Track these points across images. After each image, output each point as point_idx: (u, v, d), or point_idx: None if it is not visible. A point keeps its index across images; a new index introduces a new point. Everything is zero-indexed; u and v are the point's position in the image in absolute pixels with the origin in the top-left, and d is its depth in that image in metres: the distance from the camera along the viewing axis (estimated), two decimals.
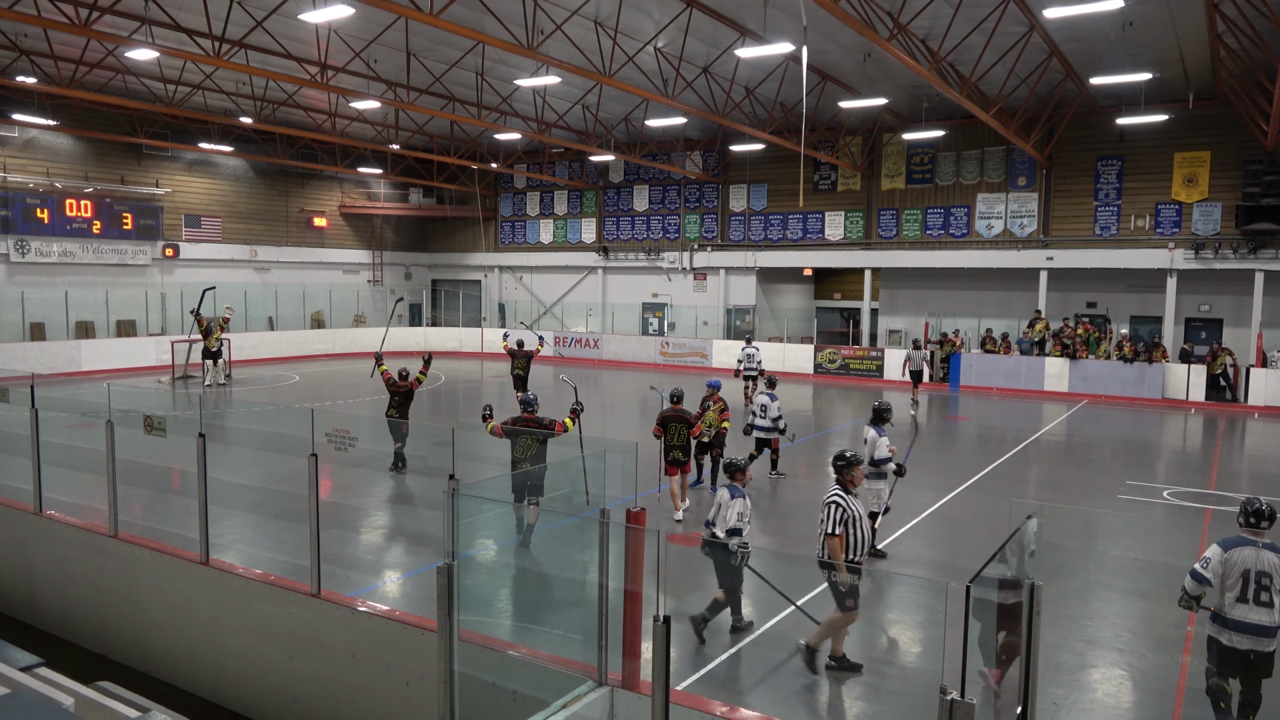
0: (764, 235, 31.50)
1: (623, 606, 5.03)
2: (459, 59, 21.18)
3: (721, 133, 29.75)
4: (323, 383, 25.15)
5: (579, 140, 28.38)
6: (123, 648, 7.78)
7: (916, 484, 13.51)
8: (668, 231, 33.69)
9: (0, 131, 26.01)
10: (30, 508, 8.63)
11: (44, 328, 26.81)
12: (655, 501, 12.09)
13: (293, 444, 7.53)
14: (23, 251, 26.59)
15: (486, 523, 6.18)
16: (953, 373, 26.10)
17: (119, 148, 28.72)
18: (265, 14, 17.41)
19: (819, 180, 30.15)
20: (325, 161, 33.08)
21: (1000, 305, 27.78)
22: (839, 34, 18.65)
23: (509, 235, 38.04)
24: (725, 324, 32.11)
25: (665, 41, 19.69)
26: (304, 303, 34.10)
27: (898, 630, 8.08)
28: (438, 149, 31.60)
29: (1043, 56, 19.99)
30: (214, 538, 7.28)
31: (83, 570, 8.15)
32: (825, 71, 22.13)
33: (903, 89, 24.05)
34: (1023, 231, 26.74)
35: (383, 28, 18.62)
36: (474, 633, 5.43)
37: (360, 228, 37.37)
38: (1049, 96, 23.18)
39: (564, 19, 17.43)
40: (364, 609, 6.32)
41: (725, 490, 7.72)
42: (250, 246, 32.88)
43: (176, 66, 22.78)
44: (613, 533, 4.95)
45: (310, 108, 27.37)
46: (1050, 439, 18.16)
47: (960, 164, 27.65)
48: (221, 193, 32.12)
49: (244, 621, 6.91)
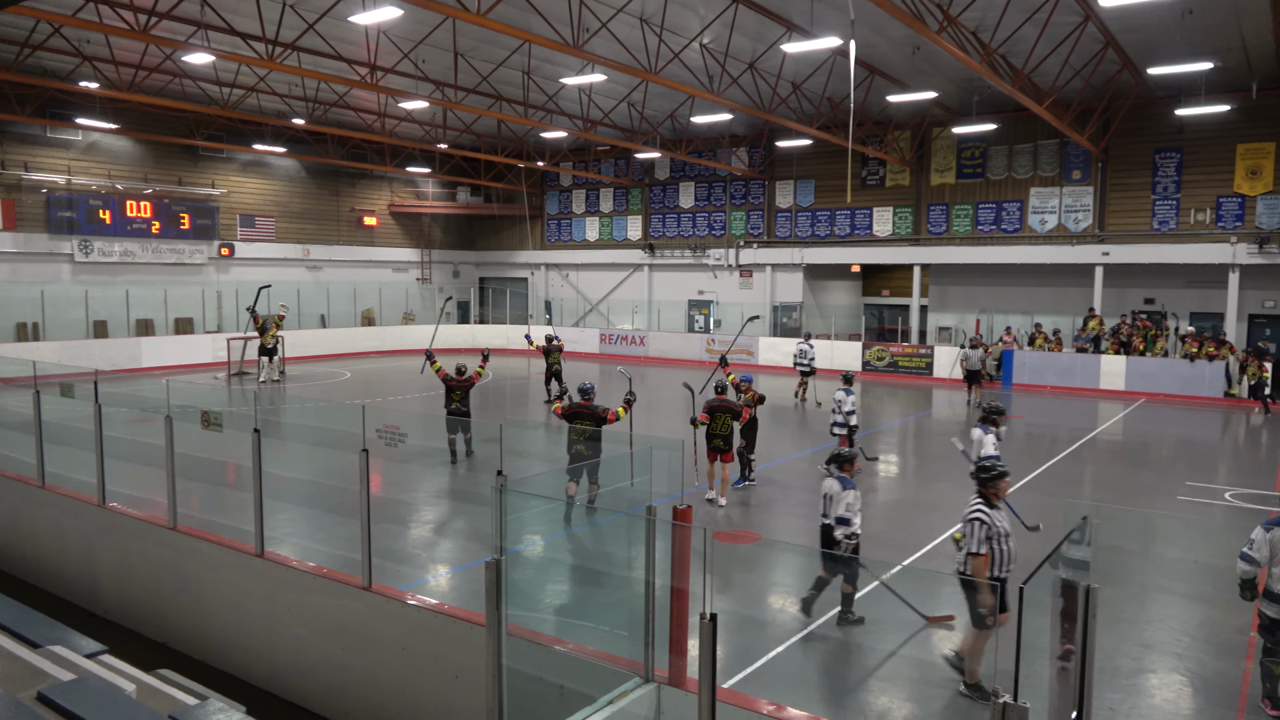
0: (811, 232, 31.25)
1: (669, 603, 5.03)
2: (505, 58, 21.33)
3: (768, 129, 29.57)
4: (373, 379, 25.53)
5: (624, 138, 28.41)
6: (181, 636, 7.99)
7: (967, 484, 13.31)
8: (713, 228, 33.59)
9: (64, 135, 26.83)
10: (94, 500, 8.89)
11: (106, 325, 27.60)
12: (702, 500, 12.08)
13: (344, 439, 7.66)
14: (86, 251, 27.40)
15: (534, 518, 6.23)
16: (1005, 370, 25.64)
17: (176, 150, 29.45)
18: (317, 16, 17.70)
19: (867, 176, 29.82)
20: (375, 161, 33.57)
21: (1054, 302, 27.22)
22: (887, 27, 18.42)
23: (555, 233, 38.24)
24: (772, 321, 31.91)
25: (711, 38, 19.61)
26: (355, 301, 34.65)
27: (946, 632, 7.96)
28: (485, 148, 31.88)
29: (1098, 47, 19.52)
30: (269, 531, 7.43)
31: (143, 561, 8.38)
32: (873, 65, 21.86)
33: (953, 82, 23.66)
34: (1077, 226, 26.16)
35: (430, 28, 18.82)
36: (521, 627, 5.48)
37: (409, 227, 37.85)
38: (1105, 88, 22.64)
39: (609, 16, 17.45)
40: (414, 603, 6.41)
41: (835, 481, 7.82)
42: (303, 245, 33.50)
43: (231, 70, 23.29)
44: (659, 529, 4.95)
45: (360, 108, 27.78)
46: (1106, 438, 17.76)
47: (1012, 158, 27.13)
48: (275, 193, 32.77)
49: (298, 613, 7.04)
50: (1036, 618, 3.77)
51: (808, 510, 11.91)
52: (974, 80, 23.06)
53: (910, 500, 12.61)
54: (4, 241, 25.77)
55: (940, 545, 10.19)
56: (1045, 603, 3.69)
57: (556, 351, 20.42)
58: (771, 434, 18.62)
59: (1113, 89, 22.70)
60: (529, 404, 21.34)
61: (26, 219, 26.25)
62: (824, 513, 7.92)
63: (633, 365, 29.73)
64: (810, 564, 9.89)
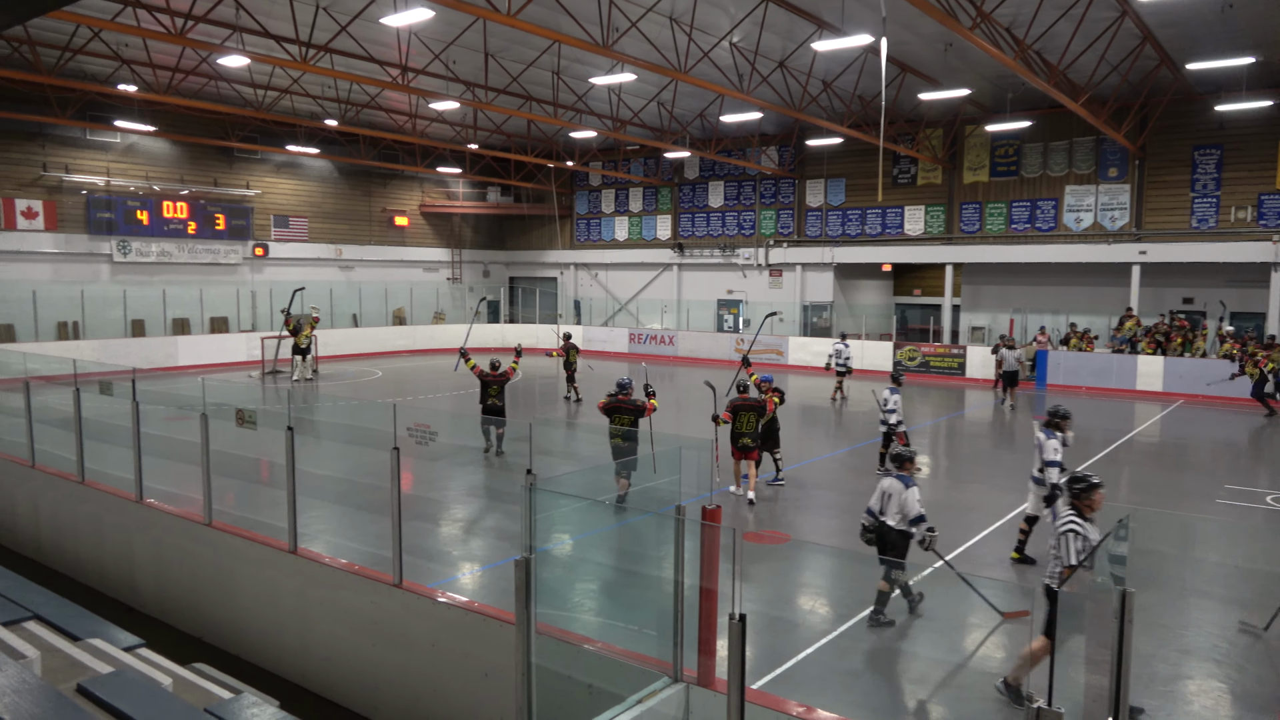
0: (841, 231, 31.05)
1: (698, 603, 5.03)
2: (535, 59, 21.41)
3: (798, 127, 29.42)
4: (404, 378, 25.74)
5: (654, 137, 28.41)
6: (216, 631, 8.11)
7: (1000, 485, 13.17)
8: (743, 228, 33.49)
9: (104, 138, 27.32)
10: (132, 496, 9.04)
11: (144, 324, 28.07)
12: (732, 501, 12.05)
13: (376, 438, 7.73)
14: (124, 252, 27.89)
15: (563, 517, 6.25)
16: (1039, 371, 25.32)
17: (212, 151, 29.89)
18: (349, 19, 17.87)
19: (898, 174, 29.58)
20: (406, 162, 33.85)
21: (1090, 301, 26.82)
22: (919, 24, 18.25)
23: (584, 232, 38.33)
24: (802, 321, 31.76)
25: (741, 36, 19.55)
26: (386, 300, 34.96)
27: (978, 634, 7.88)
28: (515, 148, 32.02)
29: (1135, 42, 19.22)
30: (301, 527, 7.52)
31: (179, 556, 8.52)
32: (905, 63, 21.68)
33: (986, 79, 23.40)
34: (1114, 225, 25.77)
35: (461, 29, 18.94)
36: (550, 626, 5.49)
37: (440, 226, 38.12)
38: (1142, 84, 22.27)
39: (639, 16, 17.45)
40: (444, 600, 6.45)
41: (894, 480, 7.80)
42: (335, 245, 33.87)
43: (265, 72, 23.59)
44: (688, 529, 4.95)
45: (391, 109, 28.02)
46: (1143, 440, 17.48)
47: (1047, 155, 26.78)
48: (308, 193, 33.15)
49: (330, 609, 7.12)
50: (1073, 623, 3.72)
51: (837, 511, 11.85)
52: (1008, 77, 22.78)
53: (943, 501, 12.48)
54: (46, 242, 26.29)
55: (973, 548, 10.08)
56: (1081, 607, 3.64)
57: (574, 351, 21.37)
58: (802, 434, 18.54)
59: (1150, 85, 22.33)
60: (559, 403, 21.42)
61: (67, 220, 26.77)
62: (880, 510, 7.84)
63: (662, 365, 29.75)
64: (840, 564, 9.84)
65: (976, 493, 12.82)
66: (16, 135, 25.54)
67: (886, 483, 7.88)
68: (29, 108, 24.13)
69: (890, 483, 7.83)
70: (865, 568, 9.20)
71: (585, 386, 21.84)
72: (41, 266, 26.31)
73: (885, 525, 7.76)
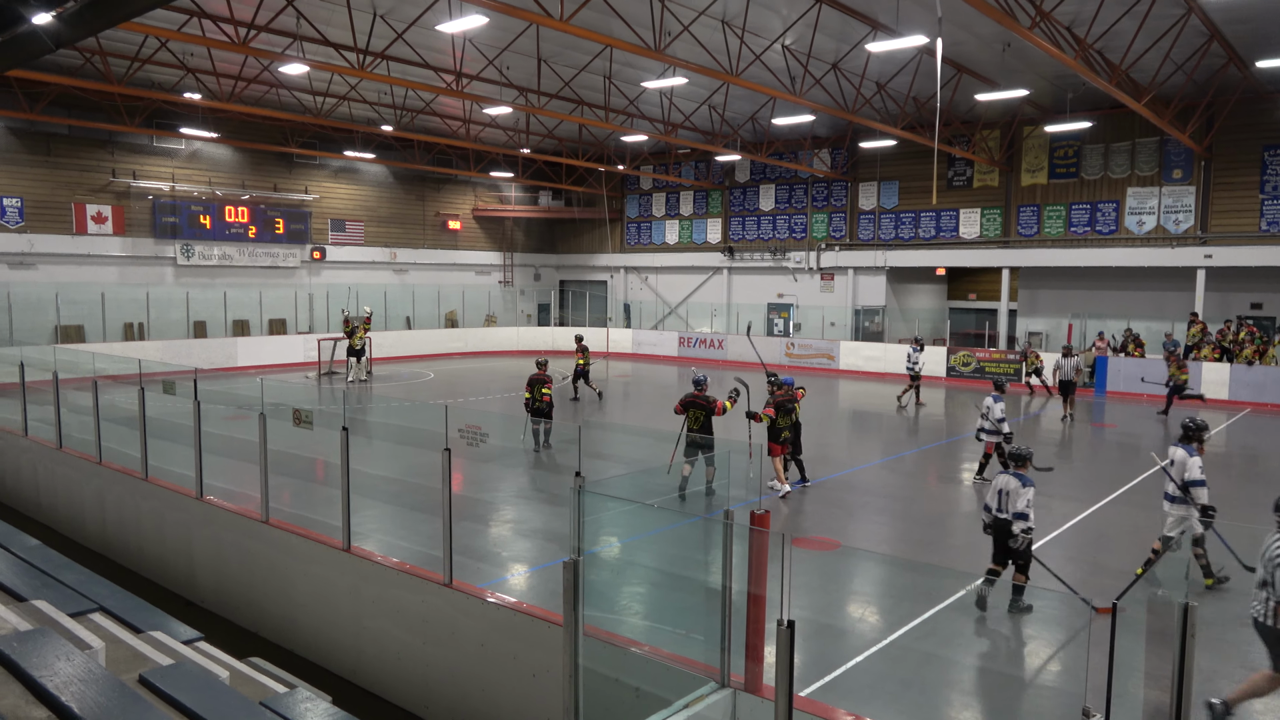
0: (894, 234, 30.67)
1: (745, 608, 5.00)
2: (587, 63, 21.53)
3: (851, 129, 29.14)
4: (456, 380, 26.04)
5: (705, 140, 28.37)
6: (271, 626, 8.28)
7: (1057, 494, 12.88)
8: (794, 231, 33.26)
9: (170, 145, 28.15)
10: (193, 493, 9.29)
11: (205, 326, 28.83)
12: (778, 506, 11.97)
13: (428, 438, 7.83)
14: (188, 255, 28.68)
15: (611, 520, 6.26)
16: (1099, 378, 24.70)
17: (272, 157, 30.60)
18: (405, 26, 18.17)
19: (953, 176, 29.12)
20: (459, 166, 34.27)
21: (1153, 306, 26.10)
22: (976, 24, 17.96)
23: (635, 236, 38.41)
24: (854, 325, 31.42)
25: (793, 38, 19.43)
26: (439, 303, 35.42)
27: (1035, 646, 7.71)
28: (566, 152, 32.22)
29: (1202, 40, 18.67)
30: (355, 526, 7.64)
31: (237, 553, 8.72)
32: (961, 63, 21.35)
33: (1045, 79, 22.93)
34: (1178, 228, 25.06)
35: (514, 35, 19.12)
36: (598, 628, 5.51)
37: (492, 230, 38.52)
38: (1208, 83, 21.63)
39: (691, 20, 17.45)
40: (493, 600, 6.50)
41: (1011, 478, 8.06)
42: (390, 249, 34.43)
43: (324, 79, 24.08)
44: (736, 534, 4.92)
45: (446, 115, 28.40)
46: (1209, 450, 16.89)
47: (1108, 156, 26.15)
48: (364, 198, 33.76)
49: (381, 607, 7.23)
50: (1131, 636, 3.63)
51: (888, 517, 11.69)
52: (1068, 77, 22.30)
53: None
54: (114, 246, 27.15)
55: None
56: (1140, 620, 3.54)
57: (586, 352, 21.92)
58: (856, 439, 18.34)
59: (1217, 84, 21.67)
60: (608, 406, 21.46)
61: (134, 224, 27.61)
62: (998, 508, 8.09)
63: (711, 369, 29.66)
64: (890, 572, 9.70)
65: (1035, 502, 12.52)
66: (88, 143, 26.44)
67: (1003, 480, 8.13)
68: (100, 116, 24.96)
69: (1006, 479, 8.11)
70: (917, 576, 9.07)
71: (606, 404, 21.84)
72: (109, 269, 27.18)
73: (1001, 520, 8.05)
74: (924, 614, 8.04)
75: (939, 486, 13.77)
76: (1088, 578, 9.35)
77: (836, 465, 15.20)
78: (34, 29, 9.14)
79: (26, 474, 12.78)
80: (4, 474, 13.47)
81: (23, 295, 25.09)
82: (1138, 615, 3.56)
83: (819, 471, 13.63)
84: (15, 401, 13.26)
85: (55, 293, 25.59)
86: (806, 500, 12.29)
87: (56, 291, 25.63)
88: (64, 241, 26.14)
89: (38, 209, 25.65)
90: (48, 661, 3.77)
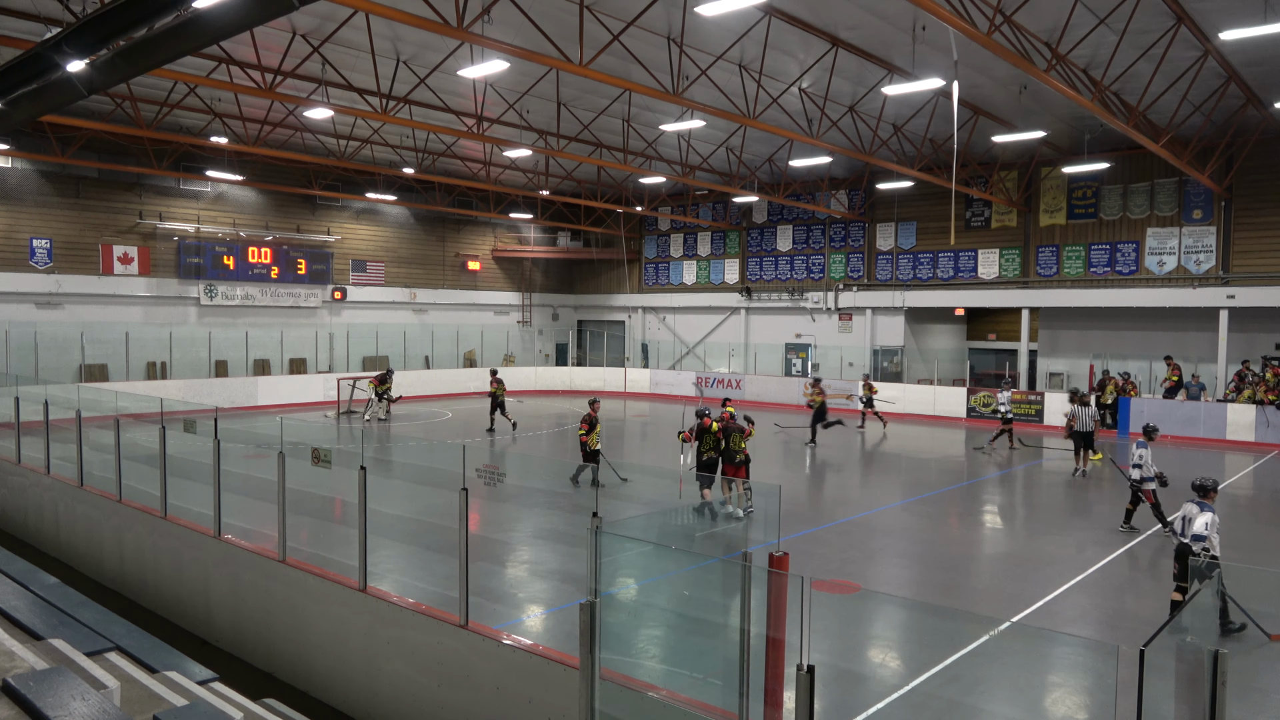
0: (913, 274, 30.66)
1: (764, 652, 4.93)
2: (606, 107, 21.82)
3: (868, 171, 29.30)
4: (474, 419, 26.08)
5: (722, 182, 28.60)
6: (286, 667, 8.24)
7: (1081, 538, 12.68)
8: (812, 271, 33.32)
9: (196, 187, 28.67)
10: (211, 532, 9.31)
11: (227, 365, 29.11)
12: (805, 549, 11.84)
13: (445, 478, 7.83)
14: (211, 295, 29.06)
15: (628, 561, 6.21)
16: (1121, 417, 24.42)
17: (295, 199, 31.09)
18: (428, 72, 18.51)
19: (971, 217, 29.15)
20: (479, 208, 34.68)
21: (1174, 347, 25.86)
22: (992, 67, 18.09)
23: (653, 276, 38.60)
24: (872, 365, 31.31)
25: (810, 82, 19.64)
26: (458, 342, 35.63)
27: (1060, 694, 7.54)
28: (585, 193, 32.55)
29: (1219, 82, 18.72)
30: (371, 566, 7.62)
31: (253, 592, 8.71)
32: (977, 105, 21.48)
33: (1062, 120, 23.02)
34: (1199, 268, 24.91)
35: (535, 80, 19.44)
36: (615, 671, 5.44)
37: (511, 270, 38.84)
38: (1227, 124, 21.63)
39: (709, 64, 17.68)
40: (509, 642, 6.45)
41: (1194, 505, 8.84)
42: (410, 289, 34.76)
43: (348, 123, 24.53)
44: (755, 576, 4.87)
45: (466, 157, 28.81)
46: (1235, 492, 16.67)
47: (1127, 197, 26.11)
48: (385, 239, 34.17)
49: (397, 648, 7.18)
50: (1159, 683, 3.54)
51: (909, 560, 11.54)
52: (1085, 118, 22.38)
53: (1020, 553, 12.07)
54: (139, 286, 27.56)
55: (1052, 602, 9.70)
56: (1169, 667, 3.46)
57: (501, 385, 23.30)
58: (876, 480, 18.19)
59: (1236, 124, 21.66)
60: (623, 445, 21.40)
61: (159, 265, 28.05)
62: (1181, 533, 8.88)
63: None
64: (912, 617, 9.54)
65: (1054, 545, 12.35)
66: (116, 185, 26.98)
67: (1187, 507, 8.93)
68: (129, 159, 25.50)
69: (1189, 507, 8.91)
70: (939, 620, 8.92)
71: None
72: (134, 309, 27.56)
73: (1183, 544, 8.77)
74: (946, 659, 7.89)
75: (961, 529, 13.59)
76: (1115, 621, 9.17)
77: (856, 507, 15.06)
78: (68, 76, 9.38)
79: (48, 511, 12.86)
80: (26, 511, 13.57)
81: (49, 335, 25.46)
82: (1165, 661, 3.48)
83: (838, 514, 13.51)
84: (39, 439, 13.40)
85: (81, 332, 25.95)
86: (826, 543, 12.15)
87: (82, 331, 26.00)
88: (91, 282, 26.56)
89: (66, 250, 26.13)
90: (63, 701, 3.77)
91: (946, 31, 14.88)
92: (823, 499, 15.88)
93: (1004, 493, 16.80)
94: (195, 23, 8.14)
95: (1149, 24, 15.41)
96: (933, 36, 16.37)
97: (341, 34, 16.58)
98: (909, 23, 16.03)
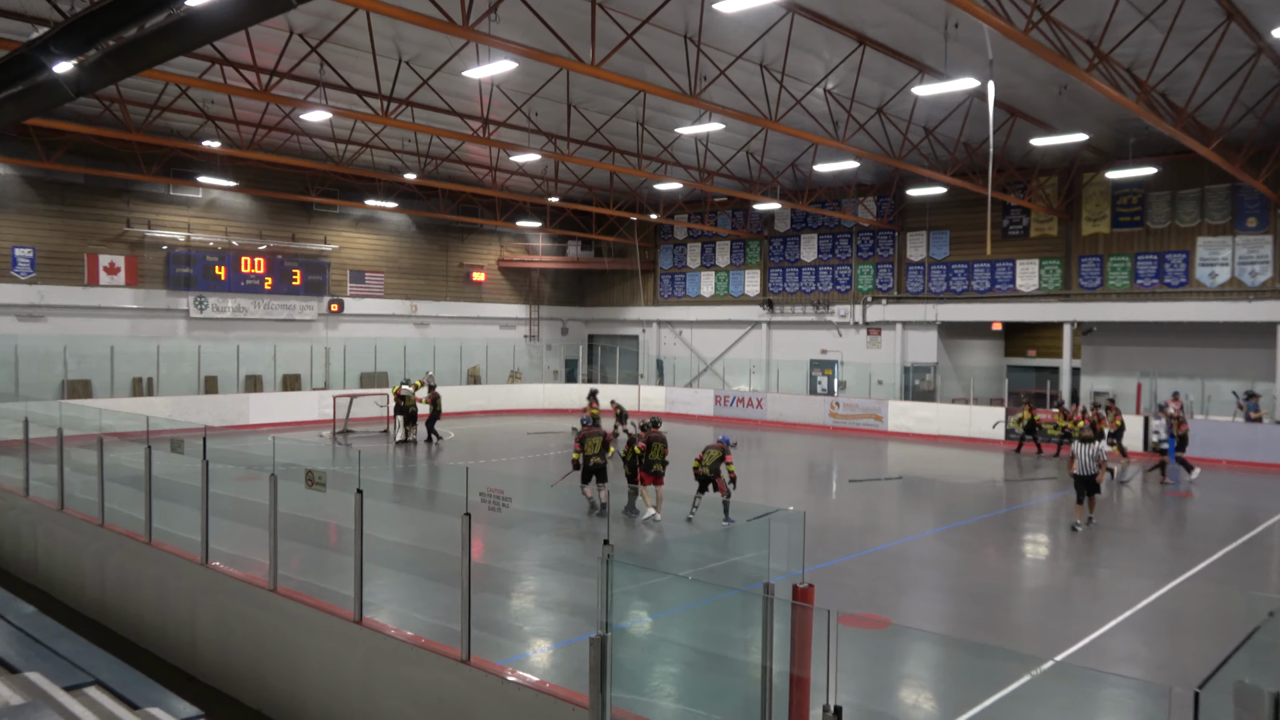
0: (946, 286, 30.57)
1: (788, 692, 4.88)
2: (619, 109, 21.92)
3: (898, 176, 29.27)
4: (478, 440, 26.12)
5: (743, 188, 28.64)
6: (278, 704, 8.21)
7: (1129, 570, 12.55)
8: (838, 283, 33.28)
9: (186, 194, 28.95)
10: (198, 559, 9.32)
11: (217, 381, 29.27)
12: (832, 580, 11.76)
13: (447, 502, 7.82)
14: (201, 307, 29.27)
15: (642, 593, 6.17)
16: (1171, 441, 24.17)
17: (291, 206, 31.33)
18: (431, 72, 18.65)
19: (1009, 225, 29.07)
20: (485, 216, 34.83)
21: (1228, 364, 25.64)
22: (1030, 66, 18.08)
23: (668, 288, 38.63)
24: (903, 383, 31.18)
25: (835, 83, 19.67)
26: (461, 358, 35.67)
27: None
28: (596, 200, 32.67)
29: (1274, 81, 18.64)
30: (368, 596, 7.60)
31: (243, 623, 8.70)
32: (1014, 107, 21.45)
33: (1105, 123, 22.95)
34: (1254, 280, 24.73)
35: (544, 81, 19.55)
36: (627, 711, 5.40)
37: (518, 282, 38.96)
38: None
39: (728, 64, 17.75)
40: (513, 679, 6.41)
41: None
42: (411, 301, 34.90)
43: (346, 126, 24.74)
44: (777, 610, 4.83)
45: (472, 162, 28.98)
46: None
47: (1176, 204, 25.99)
48: (385, 248, 34.37)
49: (394, 684, 7.15)
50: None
51: (943, 593, 11.44)
52: (1129, 120, 22.30)
53: (1063, 587, 11.95)
54: (125, 298, 27.80)
55: (1098, 640, 9.58)
56: (1226, 711, 3.40)
57: (410, 398, 24.89)
58: (908, 507, 18.08)
59: None
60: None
61: (147, 275, 28.29)
62: None
63: (748, 429, 29.48)
64: (946, 654, 9.44)
65: (1105, 579, 12.22)
66: (102, 192, 27.27)
67: None
68: (116, 164, 25.77)
69: None
70: (974, 658, 8.82)
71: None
72: (120, 322, 27.79)
73: None
74: (984, 701, 7.80)
75: (999, 560, 13.47)
76: (1167, 661, 9.05)
77: (887, 536, 14.96)
78: (55, 77, 9.49)
79: (26, 536, 12.92)
80: (2, 535, 13.63)
81: (30, 348, 25.68)
82: (1222, 703, 3.42)
83: (868, 543, 13.42)
84: (18, 459, 13.48)
85: (64, 346, 26.17)
86: (854, 574, 12.06)
87: (65, 345, 26.22)
88: (75, 293, 26.81)
89: (49, 259, 26.40)
90: None
91: (981, 29, 14.87)
92: (850, 526, 15.77)
93: (1041, 521, 16.64)
94: (188, 22, 8.23)
95: (1197, 20, 15.37)
96: (966, 34, 16.38)
97: (341, 33, 16.74)
98: (940, 20, 16.05)
